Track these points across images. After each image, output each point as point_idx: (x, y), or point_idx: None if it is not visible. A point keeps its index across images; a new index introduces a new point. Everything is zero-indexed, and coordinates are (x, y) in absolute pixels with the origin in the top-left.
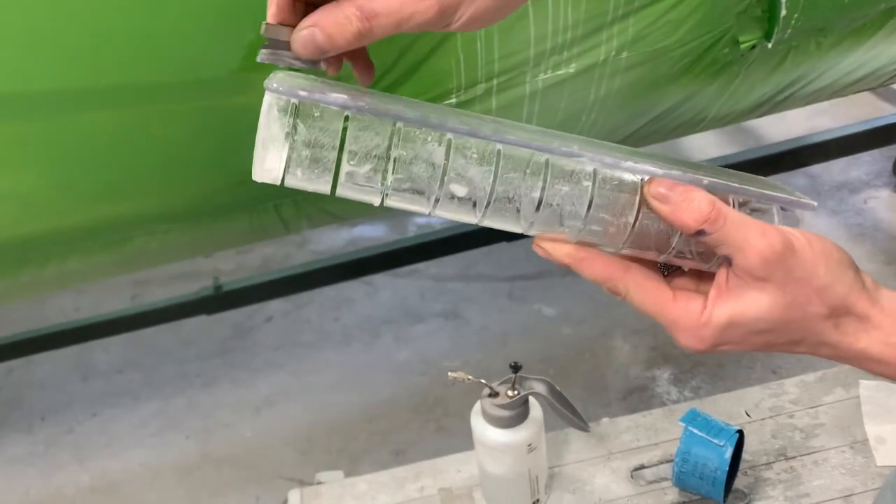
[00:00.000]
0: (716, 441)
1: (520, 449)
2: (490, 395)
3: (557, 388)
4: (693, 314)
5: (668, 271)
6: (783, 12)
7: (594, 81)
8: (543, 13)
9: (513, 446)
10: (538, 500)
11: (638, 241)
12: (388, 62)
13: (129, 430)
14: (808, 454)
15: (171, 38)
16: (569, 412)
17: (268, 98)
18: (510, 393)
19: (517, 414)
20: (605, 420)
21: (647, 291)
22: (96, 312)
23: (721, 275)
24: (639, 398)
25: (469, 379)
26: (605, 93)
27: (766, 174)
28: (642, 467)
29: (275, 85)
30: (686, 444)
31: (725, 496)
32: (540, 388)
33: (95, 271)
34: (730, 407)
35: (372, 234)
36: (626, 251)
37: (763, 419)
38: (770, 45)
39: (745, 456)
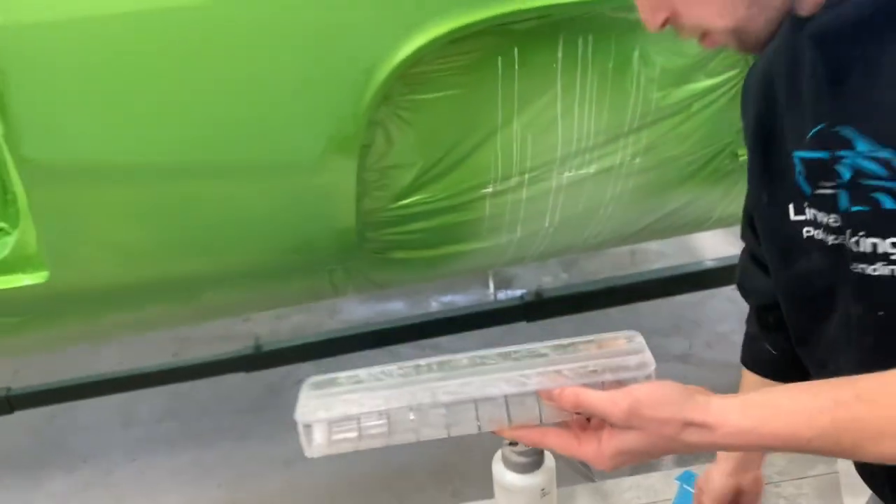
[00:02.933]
0: None
1: (534, 492)
2: (510, 444)
3: None
4: (593, 451)
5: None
6: None
7: (611, 181)
8: (570, 122)
9: (528, 490)
10: None
11: (549, 417)
12: (438, 156)
13: (165, 476)
14: None
15: (261, 126)
16: (578, 462)
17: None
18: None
19: (533, 461)
20: (610, 481)
21: (560, 446)
22: (140, 365)
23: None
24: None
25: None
26: (619, 191)
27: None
28: None
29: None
30: (679, 499)
31: None
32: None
33: (165, 320)
34: None
35: (398, 309)
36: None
37: None
38: None
39: None
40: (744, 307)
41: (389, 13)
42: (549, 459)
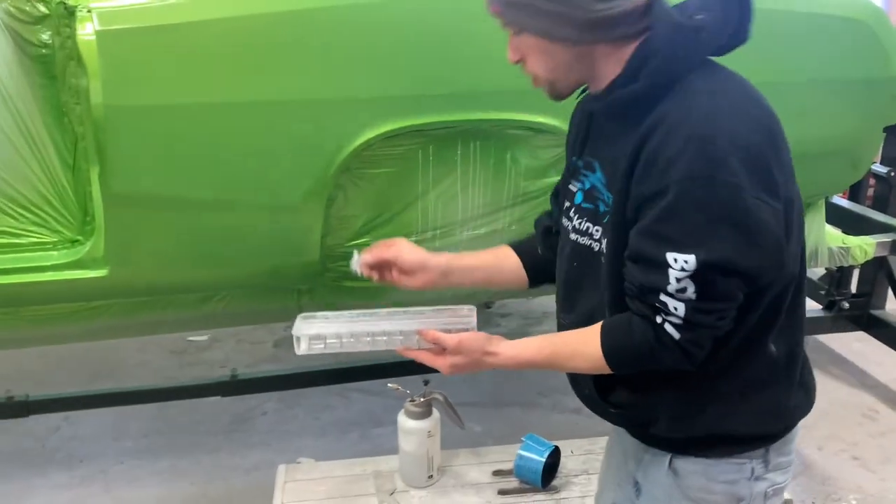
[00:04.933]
0: (541, 447)
1: (423, 433)
2: (410, 401)
3: (449, 399)
4: (440, 363)
5: None
6: None
7: (496, 240)
8: (467, 197)
9: (419, 431)
10: (431, 476)
11: (421, 345)
12: (379, 211)
13: (149, 475)
14: None
15: (264, 178)
16: (453, 412)
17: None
18: (421, 399)
19: (423, 411)
20: (482, 448)
21: (425, 359)
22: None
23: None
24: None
25: (399, 389)
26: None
27: None
28: (500, 471)
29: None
30: (524, 448)
31: (544, 485)
32: (438, 396)
33: (177, 324)
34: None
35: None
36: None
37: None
38: None
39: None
40: None
41: (352, 117)
42: (435, 411)
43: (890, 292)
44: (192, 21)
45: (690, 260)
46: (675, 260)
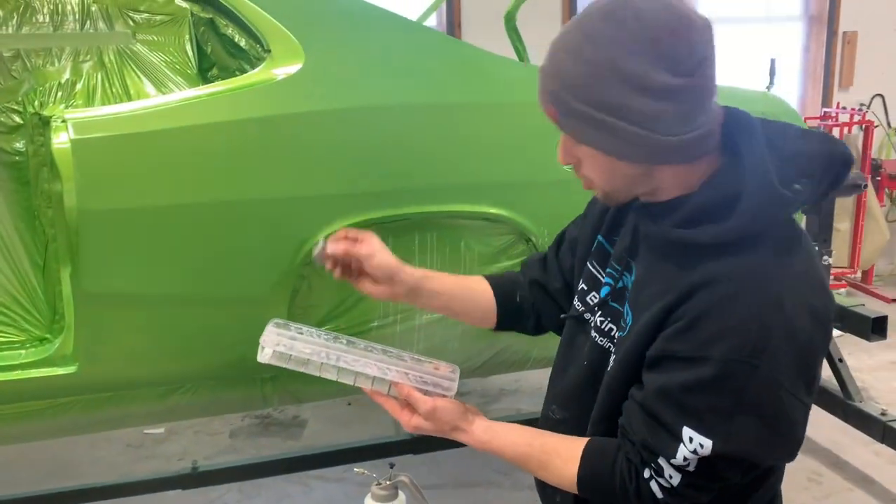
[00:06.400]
0: None
1: None
2: (377, 484)
3: (415, 481)
4: (405, 420)
5: None
6: None
7: (454, 323)
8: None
9: None
10: None
11: (392, 394)
12: (341, 299)
13: None
14: None
15: (231, 273)
16: (419, 494)
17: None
18: (387, 482)
19: (390, 494)
20: None
21: (391, 409)
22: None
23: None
24: None
25: (365, 473)
26: (460, 332)
27: None
28: None
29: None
30: None
31: None
32: (404, 479)
33: (141, 418)
34: None
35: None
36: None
37: None
38: None
39: None
40: None
41: (315, 213)
42: (400, 495)
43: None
44: (161, 129)
45: (707, 445)
46: (691, 440)
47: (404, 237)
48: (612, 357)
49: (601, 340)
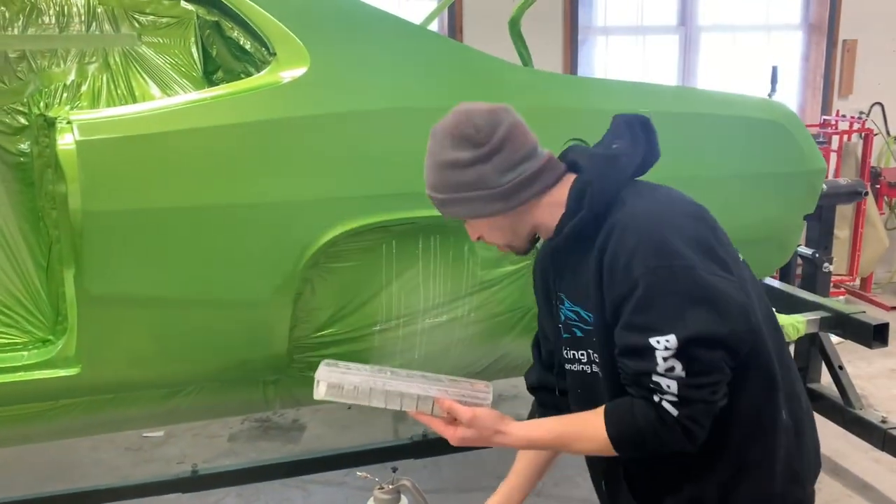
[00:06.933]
0: None
1: None
2: (379, 488)
3: (417, 485)
4: (450, 433)
5: None
6: None
7: (456, 328)
8: (427, 287)
9: None
10: None
11: (436, 412)
12: (345, 302)
13: None
14: None
15: (235, 276)
16: (422, 498)
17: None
18: (389, 486)
19: (392, 498)
20: None
21: (437, 427)
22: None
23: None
24: None
25: (367, 477)
26: (463, 336)
27: None
28: None
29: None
30: None
31: None
32: (407, 483)
33: (143, 420)
34: None
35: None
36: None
37: None
38: None
39: None
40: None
41: (319, 216)
42: (403, 499)
43: (824, 366)
44: (166, 131)
45: (671, 339)
46: (658, 342)
47: (407, 241)
48: (591, 367)
49: (574, 367)
